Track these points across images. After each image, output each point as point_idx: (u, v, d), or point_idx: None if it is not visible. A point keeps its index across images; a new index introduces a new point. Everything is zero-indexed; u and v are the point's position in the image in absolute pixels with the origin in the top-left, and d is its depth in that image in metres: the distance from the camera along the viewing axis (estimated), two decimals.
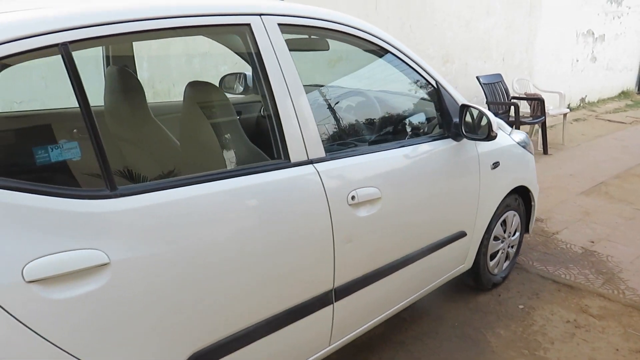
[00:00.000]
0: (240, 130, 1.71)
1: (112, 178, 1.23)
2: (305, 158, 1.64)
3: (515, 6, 6.59)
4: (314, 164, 1.66)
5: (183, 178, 1.37)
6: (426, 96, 2.22)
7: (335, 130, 2.03)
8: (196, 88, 1.78)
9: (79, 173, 1.28)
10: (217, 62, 3.96)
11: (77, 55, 1.21)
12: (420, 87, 2.19)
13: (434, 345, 2.35)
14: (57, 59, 1.18)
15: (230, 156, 1.64)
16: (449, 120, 2.19)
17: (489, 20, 6.21)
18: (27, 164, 1.21)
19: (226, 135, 1.67)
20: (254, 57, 1.59)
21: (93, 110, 1.22)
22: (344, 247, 1.74)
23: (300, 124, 1.63)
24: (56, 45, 1.18)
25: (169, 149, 1.70)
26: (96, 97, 2.44)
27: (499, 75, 5.78)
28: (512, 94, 5.93)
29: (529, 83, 6.44)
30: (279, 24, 1.63)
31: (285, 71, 1.61)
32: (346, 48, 1.98)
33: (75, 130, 1.82)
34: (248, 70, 3.23)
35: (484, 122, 2.16)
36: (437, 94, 2.19)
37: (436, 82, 2.17)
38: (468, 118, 2.16)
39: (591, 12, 8.18)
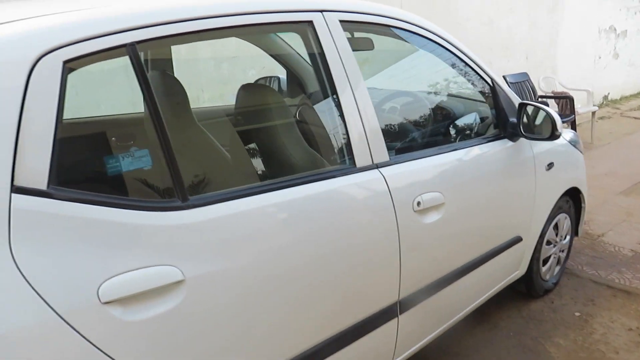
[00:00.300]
0: (299, 134, 1.62)
1: (183, 188, 1.14)
2: (370, 162, 1.55)
3: (538, 3, 6.46)
4: (379, 169, 1.56)
5: (254, 186, 1.28)
6: (482, 95, 2.12)
7: (393, 132, 1.93)
8: (252, 91, 1.69)
9: (147, 183, 1.19)
10: (245, 67, 3.88)
11: (108, 63, 1.11)
12: (476, 85, 2.09)
13: (491, 356, 2.23)
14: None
15: (293, 162, 1.55)
16: (505, 120, 2.08)
17: (511, 18, 6.09)
18: (99, 173, 1.12)
19: (288, 140, 1.57)
20: (316, 57, 1.50)
21: (135, 117, 1.14)
22: (409, 256, 1.64)
23: (365, 126, 1.53)
24: (123, 45, 1.10)
25: (224, 155, 1.61)
26: (129, 103, 2.36)
27: (525, 74, 5.65)
28: (538, 92, 5.80)
29: (555, 81, 6.30)
30: (341, 21, 1.54)
31: (349, 71, 1.51)
32: (396, 47, 1.89)
33: (113, 139, 1.74)
34: (274, 73, 3.16)
35: (540, 119, 2.05)
36: (493, 93, 2.08)
37: (492, 80, 2.07)
38: (525, 117, 2.06)
39: (613, 8, 8.02)
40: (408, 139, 2.00)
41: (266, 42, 2.41)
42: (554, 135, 1.97)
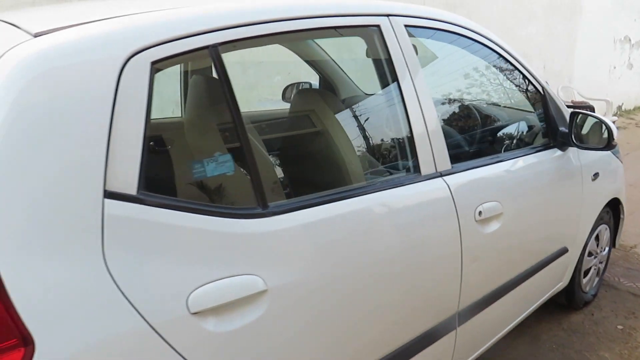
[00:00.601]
0: (365, 140, 1.58)
1: (263, 195, 1.11)
2: (434, 171, 1.51)
3: (556, 12, 6.45)
4: (443, 177, 1.52)
5: (329, 193, 1.24)
6: (532, 103, 2.09)
7: (451, 140, 1.90)
8: (307, 94, 1.66)
9: (230, 189, 1.15)
10: (270, 72, 3.85)
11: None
12: (527, 93, 2.06)
13: None
14: None
15: (362, 169, 1.51)
16: (555, 129, 2.05)
17: (530, 27, 6.08)
18: (183, 178, 1.08)
19: (355, 147, 1.54)
20: (382, 62, 1.47)
21: (174, 121, 1.10)
22: (470, 267, 1.60)
23: (429, 133, 1.50)
24: (206, 47, 1.06)
25: (296, 162, 1.56)
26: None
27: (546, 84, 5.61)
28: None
29: (574, 91, 6.27)
30: (405, 25, 1.51)
31: (414, 77, 1.48)
32: (454, 53, 1.86)
33: (153, 144, 1.69)
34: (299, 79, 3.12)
35: (588, 128, 2.02)
36: (543, 101, 2.05)
37: (542, 88, 2.04)
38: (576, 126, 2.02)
39: (628, 18, 8.01)
40: (466, 147, 1.96)
41: (303, 47, 2.39)
42: (609, 145, 1.94)
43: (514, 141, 2.10)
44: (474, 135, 2.07)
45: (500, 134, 2.09)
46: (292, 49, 2.39)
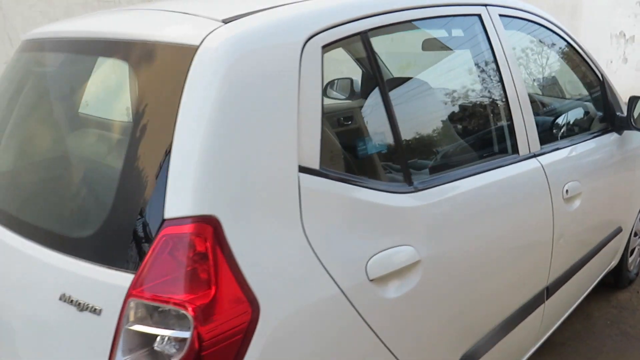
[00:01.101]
0: (482, 120, 1.67)
1: (409, 172, 1.18)
2: (528, 152, 1.60)
3: (560, 10, 6.63)
4: (537, 157, 1.61)
5: (463, 170, 1.32)
6: (593, 89, 2.20)
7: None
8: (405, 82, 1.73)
9: (384, 167, 1.22)
10: (399, 60, 3.88)
11: None
12: (590, 80, 2.17)
13: (597, 345, 2.28)
14: None
15: (482, 147, 1.60)
16: (612, 113, 2.16)
17: None
18: (349, 155, 1.15)
19: (468, 127, 1.62)
20: (481, 50, 1.55)
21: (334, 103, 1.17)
22: (558, 243, 1.69)
23: (524, 115, 1.59)
24: (358, 34, 1.13)
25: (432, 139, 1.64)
26: None
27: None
28: None
29: None
30: (500, 15, 1.59)
31: (511, 63, 1.57)
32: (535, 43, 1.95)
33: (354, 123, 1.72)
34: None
35: (637, 112, 2.14)
36: (602, 87, 2.16)
37: (601, 75, 2.15)
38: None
39: (623, 14, 8.25)
40: (548, 129, 2.06)
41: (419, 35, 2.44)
42: None
43: (580, 125, 2.21)
44: (549, 119, 2.16)
45: (569, 118, 2.19)
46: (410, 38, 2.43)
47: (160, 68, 0.95)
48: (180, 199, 0.83)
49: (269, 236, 0.89)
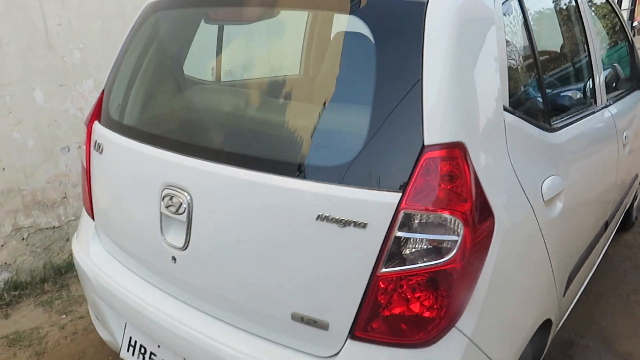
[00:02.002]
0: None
1: (549, 114, 1.39)
2: (602, 103, 1.86)
3: None
4: (607, 108, 1.88)
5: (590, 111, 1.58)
6: (624, 50, 2.49)
7: None
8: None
9: (535, 109, 1.41)
10: None
11: None
12: (622, 41, 2.45)
13: (618, 278, 2.65)
14: None
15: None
16: (638, 74, 2.47)
17: None
18: (520, 99, 1.32)
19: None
20: (570, 17, 1.78)
21: None
22: (616, 183, 1.98)
23: (599, 70, 1.85)
24: None
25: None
26: None
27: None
28: None
29: None
30: None
31: (591, 23, 1.82)
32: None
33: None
34: None
35: None
36: (631, 49, 2.45)
37: (631, 38, 2.44)
38: None
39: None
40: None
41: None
42: None
43: (615, 83, 2.50)
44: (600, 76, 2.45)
45: (611, 75, 2.48)
46: None
47: (396, 20, 1.07)
48: (437, 128, 0.98)
49: (491, 161, 1.07)
